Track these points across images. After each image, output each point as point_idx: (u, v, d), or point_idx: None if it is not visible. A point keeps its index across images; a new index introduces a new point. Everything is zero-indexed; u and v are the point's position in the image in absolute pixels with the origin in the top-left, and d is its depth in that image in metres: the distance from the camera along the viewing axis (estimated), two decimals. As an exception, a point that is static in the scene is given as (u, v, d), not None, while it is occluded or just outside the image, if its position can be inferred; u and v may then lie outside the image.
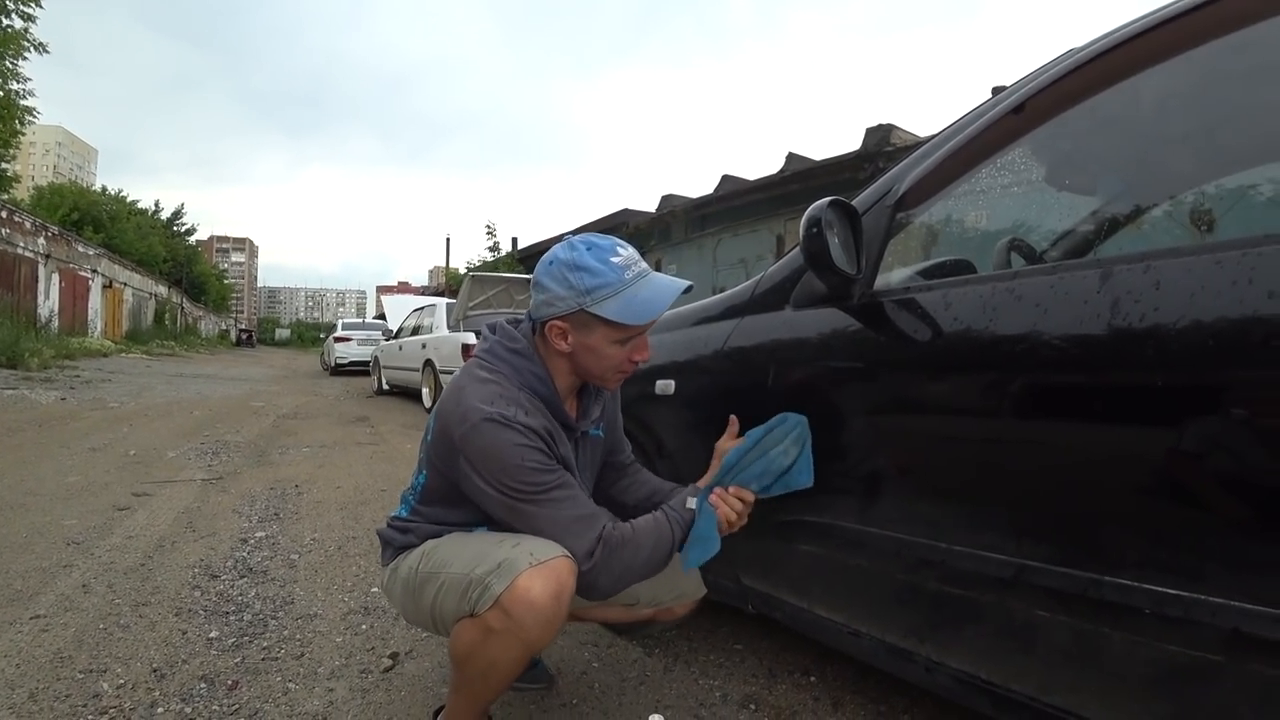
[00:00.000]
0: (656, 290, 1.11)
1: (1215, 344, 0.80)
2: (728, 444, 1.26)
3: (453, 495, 1.17)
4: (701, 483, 1.22)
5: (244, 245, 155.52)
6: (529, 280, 1.20)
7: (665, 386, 1.63)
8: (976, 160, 1.26)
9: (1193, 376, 0.82)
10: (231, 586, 2.15)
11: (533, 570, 1.04)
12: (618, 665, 1.70)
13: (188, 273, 38.68)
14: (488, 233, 17.57)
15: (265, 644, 1.75)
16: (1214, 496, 0.82)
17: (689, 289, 1.15)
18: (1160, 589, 0.84)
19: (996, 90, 1.29)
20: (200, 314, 42.62)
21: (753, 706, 1.51)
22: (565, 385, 1.21)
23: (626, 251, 1.12)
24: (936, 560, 1.09)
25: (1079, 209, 1.69)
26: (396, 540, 1.24)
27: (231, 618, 1.91)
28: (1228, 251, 0.82)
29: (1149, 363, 0.85)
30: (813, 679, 1.64)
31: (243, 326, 63.01)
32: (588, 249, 1.09)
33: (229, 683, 1.54)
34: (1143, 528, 0.88)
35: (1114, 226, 1.63)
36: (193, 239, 43.60)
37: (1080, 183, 1.64)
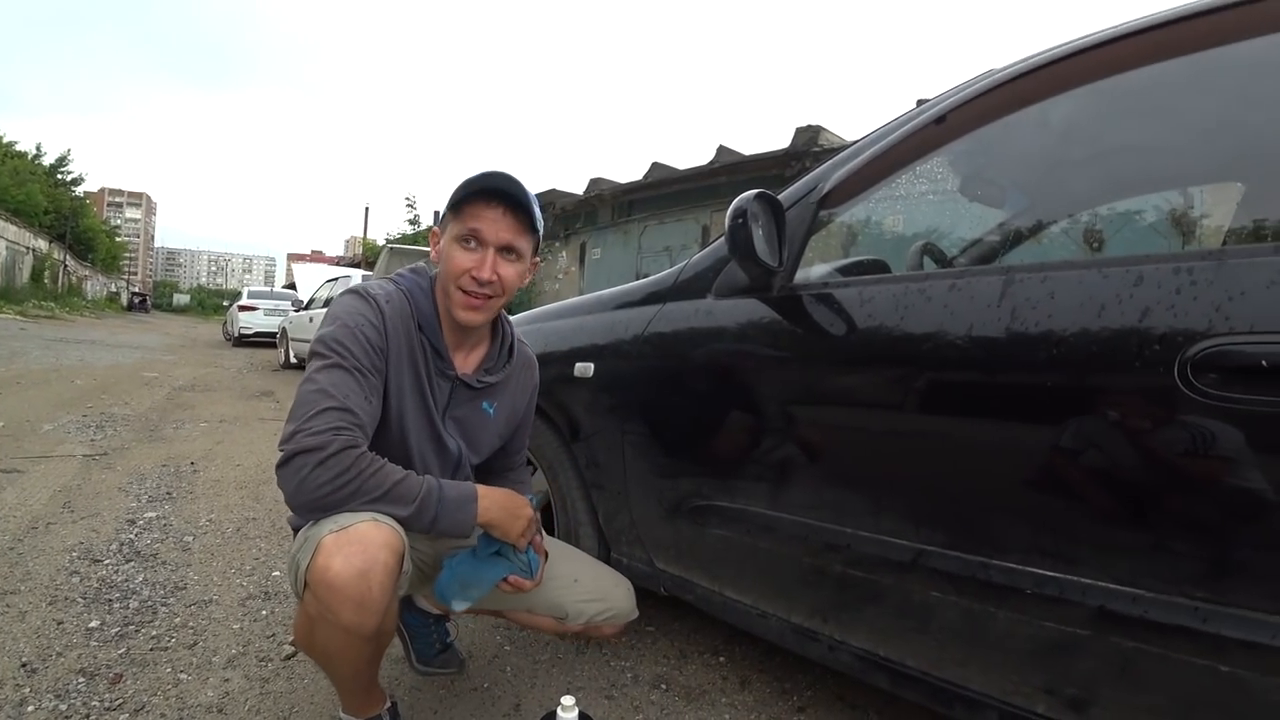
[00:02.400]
0: (486, 171, 1.10)
1: (1098, 350, 0.87)
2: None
3: None
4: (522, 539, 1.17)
5: (140, 200, 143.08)
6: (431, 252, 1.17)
7: (584, 369, 1.63)
8: (898, 165, 1.32)
9: (1077, 379, 0.90)
10: (116, 572, 2.00)
11: (332, 539, 0.93)
12: (530, 648, 1.70)
13: (73, 227, 35.15)
14: (408, 205, 17.00)
15: (154, 633, 1.65)
16: (1088, 489, 0.90)
17: (515, 184, 1.09)
18: (1041, 571, 0.92)
19: (921, 102, 1.35)
20: (87, 274, 39.02)
21: (663, 686, 1.54)
22: (450, 324, 1.17)
23: (504, 173, 1.11)
24: (842, 545, 1.14)
25: (988, 220, 1.80)
26: (294, 522, 1.16)
27: (115, 605, 1.78)
28: (1113, 267, 0.90)
29: (1040, 365, 0.92)
30: (722, 659, 1.69)
31: (136, 290, 58.13)
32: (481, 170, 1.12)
33: (111, 676, 1.44)
34: (1028, 516, 0.95)
35: (1018, 238, 1.75)
36: (80, 189, 39.54)
37: (990, 195, 1.75)
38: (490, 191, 1.08)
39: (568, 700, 0.99)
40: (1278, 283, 0.77)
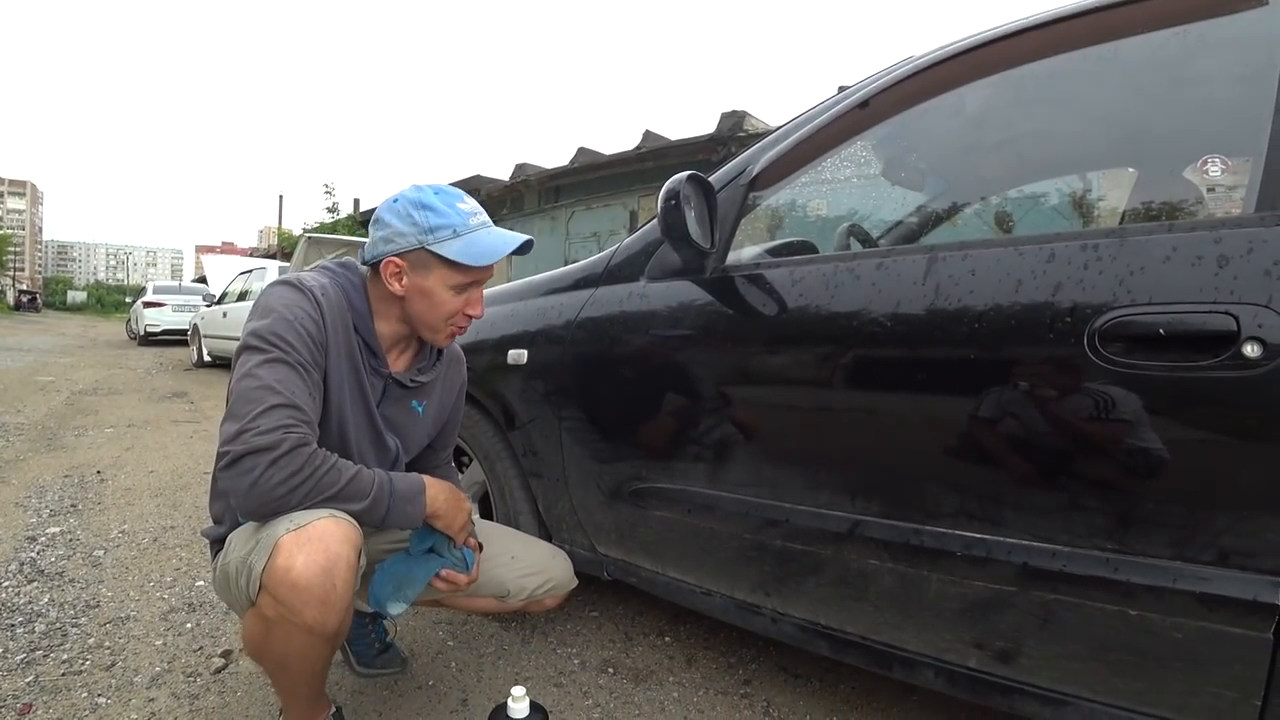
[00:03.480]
0: (499, 237, 1.09)
1: (1015, 323, 0.92)
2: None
3: None
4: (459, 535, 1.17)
5: (23, 189, 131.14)
6: (384, 277, 1.13)
7: (517, 356, 1.60)
8: (825, 148, 1.35)
9: (996, 352, 0.95)
10: (17, 594, 1.85)
11: (290, 538, 0.92)
12: (474, 641, 1.68)
13: (-57, 222, 31.94)
14: (326, 192, 16.26)
15: (65, 656, 1.53)
16: (1010, 454, 0.95)
17: (528, 244, 1.12)
18: (969, 534, 0.97)
19: (842, 89, 1.38)
20: (-37, 272, 35.64)
21: (611, 670, 1.56)
22: (388, 331, 1.15)
23: (472, 202, 1.11)
24: (781, 519, 1.17)
25: (909, 203, 1.87)
26: (212, 533, 1.11)
27: (19, 630, 1.65)
28: (1028, 245, 0.95)
29: (962, 339, 0.96)
30: (667, 639, 1.72)
31: (24, 287, 53.47)
32: (435, 192, 1.08)
33: (19, 706, 1.33)
34: (956, 482, 1.00)
35: (938, 220, 1.83)
36: (-52, 180, 35.77)
37: (911, 179, 1.81)
38: None
39: (518, 691, 0.98)
40: (1171, 258, 0.84)
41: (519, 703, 0.98)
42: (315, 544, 0.92)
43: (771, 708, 1.41)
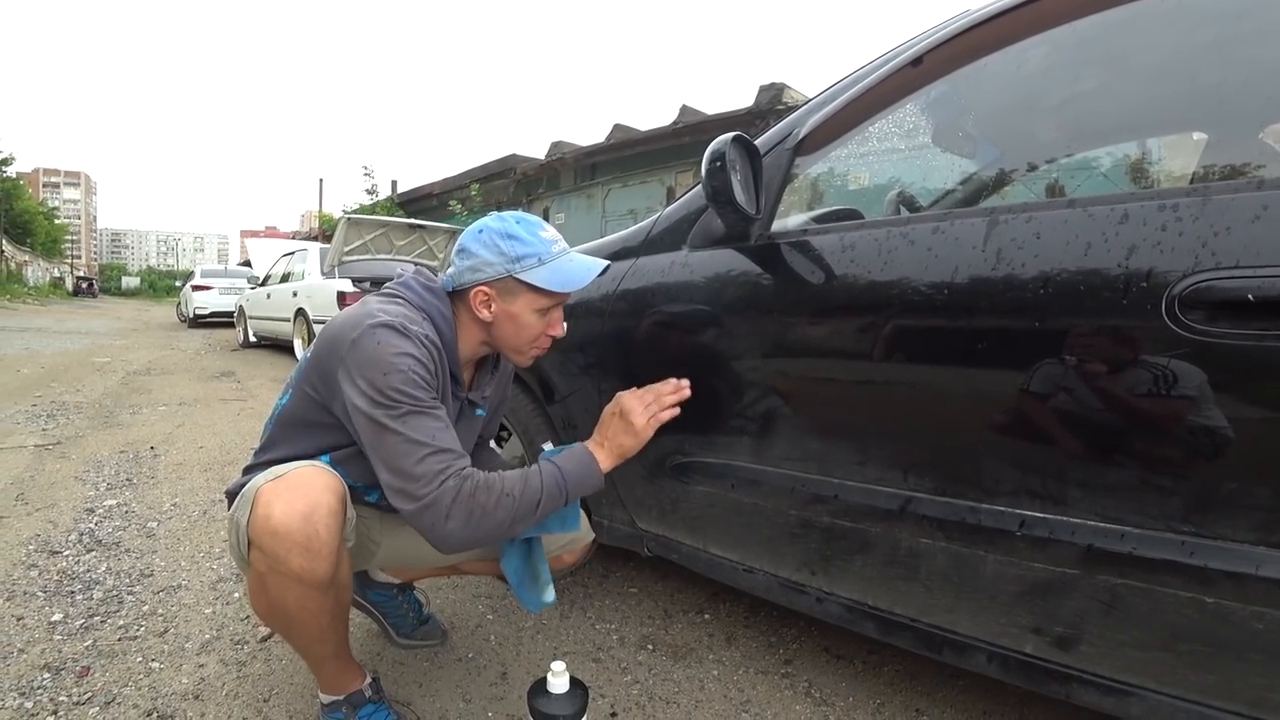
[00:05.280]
0: (581, 264, 1.12)
1: (1085, 289, 0.86)
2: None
3: (310, 417, 1.08)
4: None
5: (78, 180, 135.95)
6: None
7: None
8: (874, 110, 1.28)
9: (1063, 319, 0.88)
10: (77, 562, 1.92)
11: (269, 487, 0.94)
12: (513, 616, 1.68)
13: (7, 210, 33.37)
14: (365, 174, 16.47)
15: (121, 623, 1.59)
16: (1077, 429, 0.89)
17: (606, 270, 1.14)
18: (1030, 513, 0.92)
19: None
20: (26, 259, 37.15)
21: (650, 647, 1.54)
22: (468, 352, 1.18)
23: (552, 230, 1.14)
24: (829, 495, 1.13)
25: (961, 170, 1.79)
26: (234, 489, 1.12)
27: (78, 597, 1.71)
28: (1098, 206, 0.88)
29: (1026, 306, 0.90)
30: (707, 617, 1.70)
31: (81, 274, 55.57)
32: (517, 221, 1.11)
33: (78, 669, 1.38)
34: (1016, 458, 0.94)
35: (990, 187, 1.74)
36: (11, 170, 37.30)
37: (963, 145, 1.73)
38: None
39: (558, 665, 0.97)
40: (1262, 217, 0.77)
41: (559, 677, 0.97)
42: (294, 490, 0.94)
43: (813, 688, 1.38)
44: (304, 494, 0.94)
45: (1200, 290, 0.78)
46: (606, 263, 1.13)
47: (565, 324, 1.21)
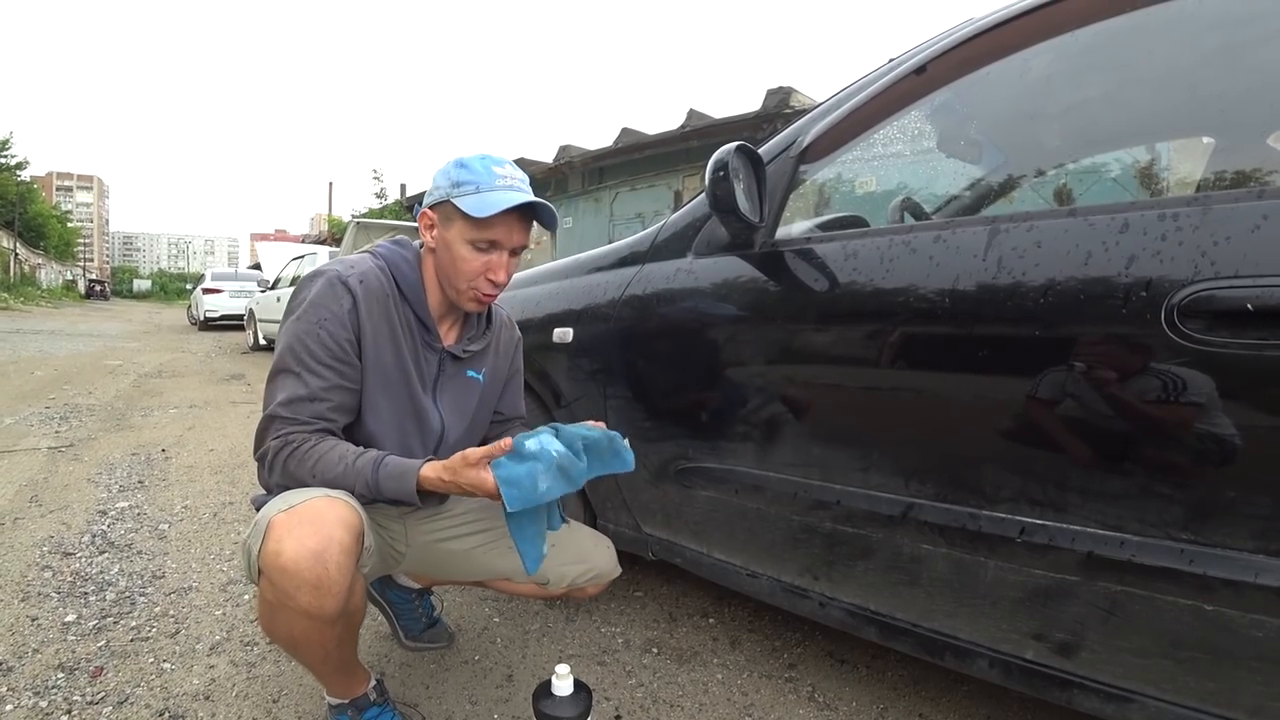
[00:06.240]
0: (509, 196, 1.06)
1: (1085, 298, 0.87)
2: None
3: None
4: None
5: (91, 183, 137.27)
6: (419, 229, 1.15)
7: (563, 335, 1.60)
8: (878, 118, 1.29)
9: (1063, 328, 0.89)
10: (89, 564, 1.95)
11: (282, 519, 0.91)
12: (519, 618, 1.70)
13: (21, 213, 33.71)
14: (374, 178, 16.59)
15: (133, 623, 1.61)
16: (1077, 436, 0.90)
17: (548, 211, 1.11)
18: (1030, 520, 0.93)
19: (892, 61, 1.32)
20: (39, 262, 37.58)
21: (655, 650, 1.55)
22: (437, 299, 1.18)
23: (512, 169, 1.11)
24: (831, 501, 1.14)
25: (965, 176, 1.79)
26: (258, 501, 1.12)
27: (91, 598, 1.73)
28: (1099, 215, 0.89)
29: (1027, 315, 0.91)
30: (711, 620, 1.71)
31: (93, 276, 56.14)
32: (480, 158, 1.10)
33: (91, 669, 1.41)
34: (1017, 465, 0.95)
35: (995, 194, 1.74)
36: (25, 174, 37.68)
37: (967, 151, 1.73)
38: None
39: (562, 669, 0.98)
40: (1262, 227, 0.77)
41: (563, 680, 0.98)
42: (306, 526, 0.91)
43: (817, 692, 1.39)
44: (315, 530, 0.91)
45: (1200, 299, 0.79)
46: (544, 202, 1.08)
47: (571, 329, 1.20)
